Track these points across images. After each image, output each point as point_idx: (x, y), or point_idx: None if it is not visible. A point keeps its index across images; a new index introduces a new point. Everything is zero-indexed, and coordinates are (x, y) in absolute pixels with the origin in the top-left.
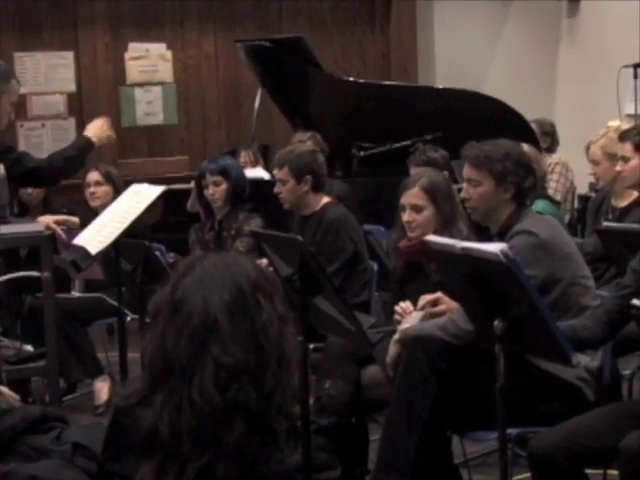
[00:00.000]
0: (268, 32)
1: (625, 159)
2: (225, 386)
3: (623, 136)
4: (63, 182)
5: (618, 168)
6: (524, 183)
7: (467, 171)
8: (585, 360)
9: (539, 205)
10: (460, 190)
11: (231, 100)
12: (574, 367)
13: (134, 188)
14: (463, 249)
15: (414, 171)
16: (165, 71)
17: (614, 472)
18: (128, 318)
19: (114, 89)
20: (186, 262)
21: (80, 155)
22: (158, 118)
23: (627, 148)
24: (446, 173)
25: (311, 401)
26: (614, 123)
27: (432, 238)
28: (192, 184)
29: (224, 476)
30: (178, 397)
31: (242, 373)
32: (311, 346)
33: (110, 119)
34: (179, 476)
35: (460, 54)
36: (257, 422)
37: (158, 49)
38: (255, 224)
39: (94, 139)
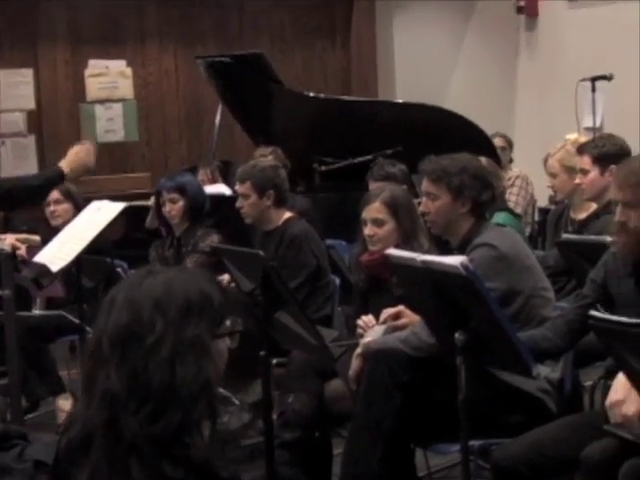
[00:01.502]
0: (228, 48)
1: (584, 172)
2: (107, 408)
3: (581, 149)
4: None
5: (577, 181)
6: (481, 197)
7: (425, 185)
8: (546, 371)
9: (500, 218)
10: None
11: (192, 116)
12: (535, 378)
13: (94, 205)
14: (424, 262)
15: (373, 186)
16: (125, 88)
17: None
18: (89, 335)
19: (74, 106)
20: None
21: (45, 186)
22: (119, 135)
23: (586, 161)
24: (405, 187)
25: (274, 415)
26: (572, 136)
27: (393, 252)
28: (152, 200)
29: None
30: (86, 414)
31: (124, 400)
32: (274, 361)
33: (94, 146)
34: None
35: (420, 68)
36: (145, 446)
37: (118, 66)
38: (212, 240)
39: (66, 170)
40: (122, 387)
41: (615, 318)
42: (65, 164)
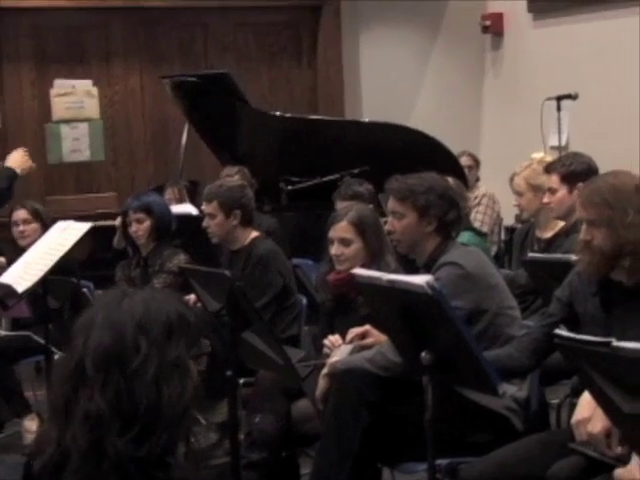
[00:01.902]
0: (195, 67)
1: (552, 190)
2: (90, 431)
3: (549, 168)
4: None
5: (545, 200)
6: (447, 216)
7: (391, 204)
8: (512, 390)
9: (465, 237)
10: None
11: (158, 136)
12: (501, 397)
13: (60, 225)
14: (390, 282)
15: (340, 205)
16: (91, 107)
17: None
18: (56, 356)
19: (40, 126)
20: (98, 298)
21: (10, 185)
22: (85, 155)
23: (554, 179)
24: (372, 206)
25: (241, 436)
26: (538, 155)
27: (359, 271)
28: (118, 220)
29: None
30: (63, 436)
31: (107, 420)
32: (241, 381)
33: (27, 151)
34: None
35: (386, 87)
36: (128, 469)
37: (84, 85)
38: (179, 260)
39: (18, 170)
40: (107, 408)
41: (581, 337)
42: (14, 165)
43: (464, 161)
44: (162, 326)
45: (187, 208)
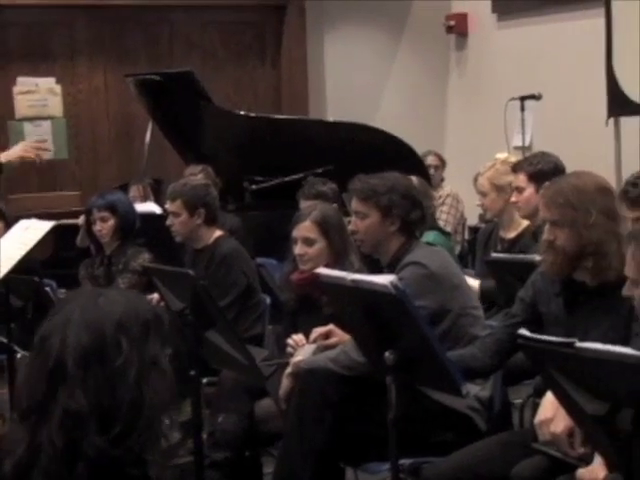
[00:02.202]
0: (159, 66)
1: (519, 189)
2: (69, 431)
3: (517, 167)
4: None
5: (513, 199)
6: (410, 216)
7: (354, 204)
8: (475, 390)
9: (430, 236)
10: None
11: (122, 134)
12: (464, 397)
13: (22, 224)
14: (354, 281)
15: (304, 204)
16: (55, 105)
17: None
18: (18, 355)
19: (3, 124)
20: (64, 298)
21: None
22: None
23: (521, 179)
24: (335, 206)
25: (205, 435)
26: (501, 155)
27: (323, 271)
28: (81, 218)
29: None
30: (33, 435)
31: (88, 420)
32: (204, 380)
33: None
34: None
35: (351, 87)
36: (100, 467)
37: (47, 83)
38: (143, 259)
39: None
40: (87, 406)
41: (544, 337)
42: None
43: (430, 161)
44: (141, 325)
45: (151, 207)
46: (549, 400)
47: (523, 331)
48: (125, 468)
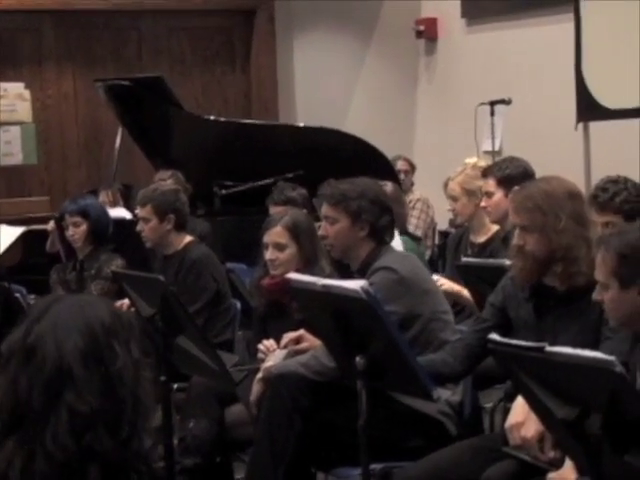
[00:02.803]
0: (128, 71)
1: (489, 194)
2: (80, 434)
3: (486, 172)
4: None
5: (483, 204)
6: (379, 221)
7: (324, 209)
8: (446, 394)
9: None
10: None
11: (91, 140)
12: (435, 402)
13: None
14: (324, 286)
15: (273, 210)
16: (23, 111)
17: None
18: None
19: None
20: (40, 305)
21: None
22: (17, 158)
23: (490, 183)
24: (306, 212)
25: (175, 441)
26: (471, 160)
27: (294, 276)
28: (50, 224)
29: None
30: (31, 444)
31: (97, 421)
32: (175, 386)
33: None
34: None
35: (321, 92)
36: (113, 469)
37: (16, 88)
38: (116, 265)
39: None
40: (96, 408)
41: (514, 342)
42: None
43: (400, 165)
44: (126, 329)
45: (121, 212)
46: (520, 404)
47: (493, 336)
48: (134, 470)
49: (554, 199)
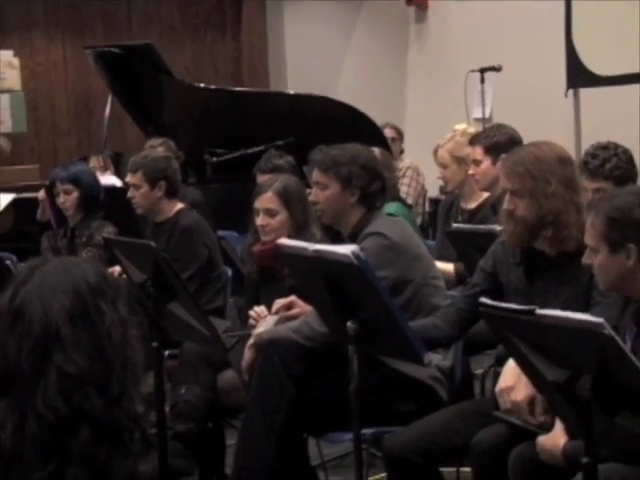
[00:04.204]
0: (118, 38)
1: (477, 162)
2: (70, 394)
3: (473, 140)
4: None
5: (470, 172)
6: (370, 187)
7: (315, 175)
8: (437, 359)
9: (392, 208)
10: None
11: (81, 107)
12: (426, 366)
13: None
14: (315, 251)
15: (261, 178)
16: (13, 79)
17: (467, 469)
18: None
19: None
20: (26, 268)
21: None
22: (6, 126)
23: (478, 151)
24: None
25: (167, 407)
26: (461, 126)
27: (285, 241)
28: (41, 192)
29: None
30: (22, 406)
31: (87, 381)
32: (167, 353)
33: None
34: None
35: (311, 59)
36: (104, 428)
37: (5, 56)
38: (107, 232)
39: None
40: (85, 368)
41: (505, 305)
42: None
43: (387, 133)
44: (112, 289)
45: (111, 180)
46: (510, 368)
47: (484, 299)
48: (125, 429)
49: (544, 164)
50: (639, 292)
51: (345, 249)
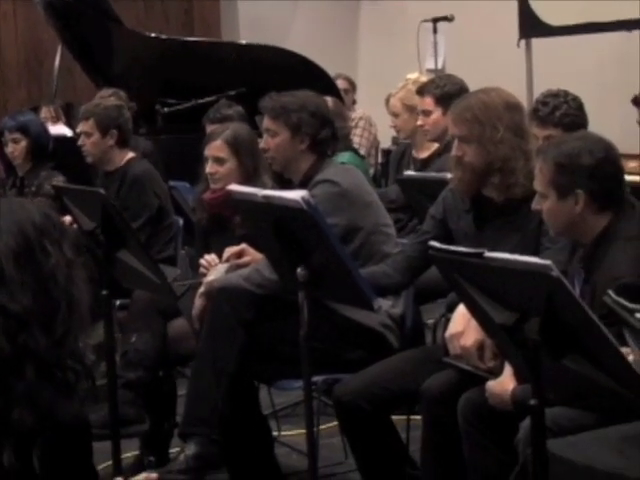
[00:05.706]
0: None
1: (426, 113)
2: (14, 334)
3: (422, 90)
4: None
5: (419, 122)
6: (320, 134)
7: (265, 122)
8: (386, 305)
9: (344, 157)
10: None
11: (31, 59)
12: (376, 311)
13: None
14: (265, 197)
15: (210, 129)
16: None
17: (418, 417)
18: None
19: None
20: None
21: None
22: None
23: (427, 102)
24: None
25: (117, 357)
26: (412, 76)
27: (235, 187)
28: None
29: (19, 423)
30: None
31: (31, 320)
32: (117, 302)
33: None
34: None
35: (263, 9)
36: (49, 368)
37: None
38: (57, 182)
39: None
40: (29, 308)
41: (454, 248)
42: None
43: (339, 84)
44: (57, 229)
45: (61, 129)
46: (460, 314)
47: (434, 243)
48: (69, 369)
49: (492, 110)
50: (587, 237)
51: (295, 194)
